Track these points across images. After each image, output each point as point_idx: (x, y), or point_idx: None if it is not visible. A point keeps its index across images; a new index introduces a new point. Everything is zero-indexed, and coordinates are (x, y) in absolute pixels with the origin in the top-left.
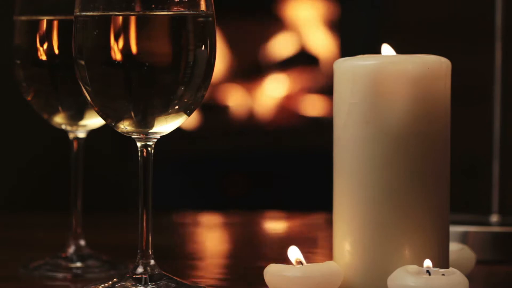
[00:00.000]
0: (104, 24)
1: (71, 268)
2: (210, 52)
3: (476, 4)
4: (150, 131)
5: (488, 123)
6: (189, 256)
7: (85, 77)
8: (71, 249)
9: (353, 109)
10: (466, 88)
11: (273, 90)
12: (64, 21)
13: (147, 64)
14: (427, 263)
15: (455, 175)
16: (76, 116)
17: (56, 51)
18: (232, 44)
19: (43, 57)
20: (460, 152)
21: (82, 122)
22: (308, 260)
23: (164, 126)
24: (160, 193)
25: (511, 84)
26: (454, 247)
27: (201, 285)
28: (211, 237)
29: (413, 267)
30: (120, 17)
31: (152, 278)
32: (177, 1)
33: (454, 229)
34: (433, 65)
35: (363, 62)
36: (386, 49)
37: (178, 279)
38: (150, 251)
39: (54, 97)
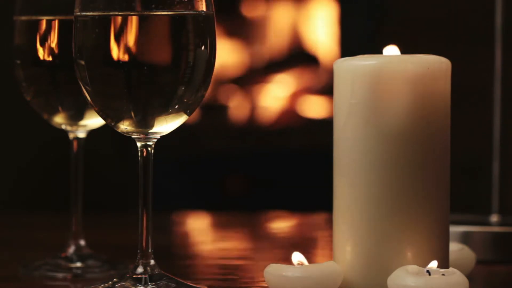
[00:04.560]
0: (104, 24)
1: (71, 268)
2: (210, 52)
3: (476, 4)
4: (150, 131)
5: (488, 123)
6: (189, 256)
7: (85, 77)
8: (71, 249)
9: (353, 109)
10: (466, 88)
11: (273, 90)
12: (64, 21)
13: (147, 64)
14: (433, 264)
15: (455, 175)
16: (76, 116)
17: (56, 51)
18: (232, 44)
19: (43, 57)
20: (460, 152)
21: (82, 122)
22: (308, 260)
23: (164, 126)
24: (160, 193)
25: (511, 84)
26: (454, 247)
27: (201, 285)
28: (211, 237)
29: (413, 267)
30: (120, 17)
31: (152, 278)
32: (177, 1)
33: (454, 229)
34: (433, 65)
35: (363, 62)
36: (390, 50)
37: (178, 279)
38: (150, 251)
39: (54, 97)
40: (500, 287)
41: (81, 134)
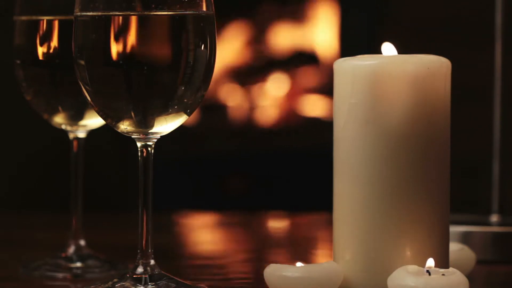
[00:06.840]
0: (104, 24)
1: (71, 268)
2: (210, 52)
3: (476, 4)
4: (150, 131)
5: (488, 123)
6: (189, 256)
7: (85, 77)
8: (71, 249)
9: (353, 109)
10: (466, 88)
11: (273, 90)
12: (64, 21)
13: (147, 64)
14: (430, 262)
15: (455, 175)
16: (76, 116)
17: (56, 51)
18: (232, 43)
19: (43, 57)
20: (460, 152)
21: (82, 122)
22: (308, 260)
23: (164, 126)
24: (160, 193)
25: (511, 84)
26: (454, 247)
27: (201, 285)
28: (211, 237)
29: (413, 267)
30: (120, 17)
31: (152, 278)
32: (177, 1)
33: (454, 229)
34: (433, 65)
35: (363, 62)
36: (387, 48)
37: (178, 279)
38: (150, 251)
39: (54, 97)
40: (500, 287)
41: (81, 134)
